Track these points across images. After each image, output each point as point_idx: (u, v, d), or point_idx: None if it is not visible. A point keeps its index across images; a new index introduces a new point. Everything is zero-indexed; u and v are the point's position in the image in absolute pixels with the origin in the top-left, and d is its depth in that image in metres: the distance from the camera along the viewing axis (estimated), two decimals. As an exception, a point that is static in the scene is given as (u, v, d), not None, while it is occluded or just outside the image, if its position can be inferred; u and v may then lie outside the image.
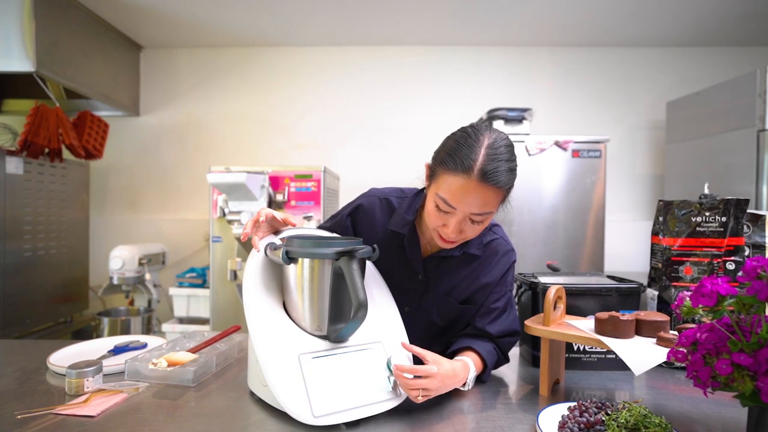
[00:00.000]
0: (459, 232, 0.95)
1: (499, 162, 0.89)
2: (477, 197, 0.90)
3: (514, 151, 0.95)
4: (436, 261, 1.09)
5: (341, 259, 0.84)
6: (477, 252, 1.08)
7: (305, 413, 0.78)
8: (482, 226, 0.96)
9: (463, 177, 0.89)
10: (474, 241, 1.06)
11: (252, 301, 0.89)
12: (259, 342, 0.84)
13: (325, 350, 0.87)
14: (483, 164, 0.88)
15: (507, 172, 0.91)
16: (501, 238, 1.13)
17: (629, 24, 2.72)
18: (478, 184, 0.88)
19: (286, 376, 0.81)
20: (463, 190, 0.89)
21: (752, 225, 1.23)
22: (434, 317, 1.11)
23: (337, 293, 0.88)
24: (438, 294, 1.09)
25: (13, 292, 2.24)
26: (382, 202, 1.14)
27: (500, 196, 0.94)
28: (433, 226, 0.98)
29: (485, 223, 0.96)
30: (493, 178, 0.88)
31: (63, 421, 0.82)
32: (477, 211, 0.91)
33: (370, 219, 1.13)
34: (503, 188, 0.92)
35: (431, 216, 0.97)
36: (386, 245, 1.07)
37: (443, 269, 1.09)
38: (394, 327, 0.99)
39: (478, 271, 1.09)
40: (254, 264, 0.93)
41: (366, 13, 2.61)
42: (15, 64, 2.15)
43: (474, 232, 0.97)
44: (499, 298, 1.10)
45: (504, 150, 0.92)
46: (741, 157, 2.16)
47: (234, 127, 3.12)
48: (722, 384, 0.62)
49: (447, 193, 0.91)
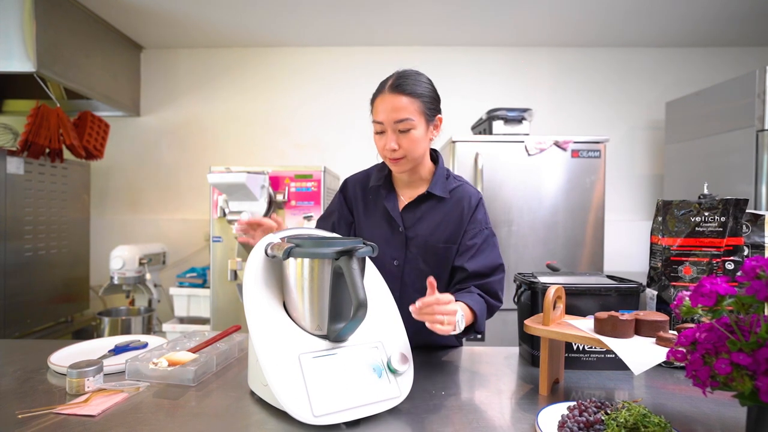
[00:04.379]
0: (397, 146, 1.14)
1: (406, 78, 1.15)
2: (392, 105, 1.12)
3: (425, 76, 1.19)
4: (412, 211, 1.25)
5: (341, 259, 0.85)
6: (443, 194, 1.24)
7: (305, 413, 0.79)
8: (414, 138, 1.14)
9: (380, 97, 1.15)
10: (438, 185, 1.24)
11: (252, 301, 0.89)
12: (259, 341, 0.84)
13: (325, 350, 0.88)
14: (393, 81, 1.15)
15: (414, 84, 1.14)
16: (465, 183, 1.30)
17: (629, 24, 2.73)
18: (390, 95, 1.13)
19: (286, 375, 0.81)
20: (382, 104, 1.14)
21: (751, 225, 1.23)
22: (421, 265, 1.23)
23: (337, 293, 0.88)
24: (419, 241, 1.23)
25: (14, 291, 2.25)
26: (361, 174, 1.36)
27: (416, 106, 1.14)
28: (381, 154, 1.20)
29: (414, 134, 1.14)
30: (401, 87, 1.13)
31: (64, 420, 0.83)
32: (397, 118, 1.13)
33: (355, 189, 1.34)
34: (414, 97, 1.13)
35: (377, 144, 1.19)
36: (372, 206, 1.29)
37: (419, 216, 1.24)
38: (394, 326, 0.99)
39: (450, 213, 1.24)
40: (254, 264, 0.94)
41: (366, 14, 2.61)
42: (16, 64, 2.16)
43: (410, 144, 1.15)
44: (474, 236, 1.23)
45: (412, 72, 1.17)
46: (740, 157, 2.16)
47: (234, 127, 3.12)
48: (721, 383, 0.63)
49: (375, 113, 1.17)
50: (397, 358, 0.91)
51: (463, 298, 1.11)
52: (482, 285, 1.19)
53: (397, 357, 0.91)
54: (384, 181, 1.28)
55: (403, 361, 0.91)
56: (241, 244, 2.27)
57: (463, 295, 1.14)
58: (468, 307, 1.09)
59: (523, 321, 1.05)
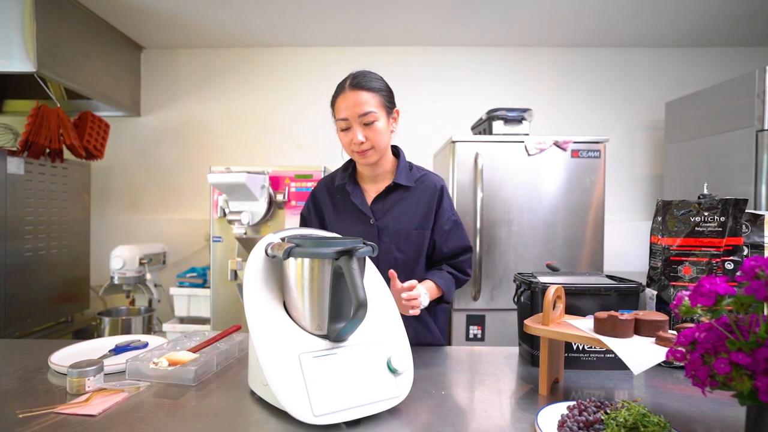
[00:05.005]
0: (364, 138, 1.22)
1: (364, 75, 1.24)
2: (355, 100, 1.21)
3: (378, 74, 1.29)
4: (380, 203, 1.33)
5: (341, 259, 0.85)
6: (408, 183, 1.33)
7: (305, 412, 0.79)
8: (378, 129, 1.23)
9: (341, 94, 1.24)
10: (402, 176, 1.33)
11: (252, 301, 0.89)
12: (260, 341, 0.84)
13: (325, 349, 0.88)
14: (351, 79, 1.24)
15: (372, 81, 1.24)
16: (428, 172, 1.40)
17: (628, 24, 2.73)
18: (352, 92, 1.22)
19: (287, 375, 0.82)
20: (345, 102, 1.22)
21: (751, 225, 1.23)
22: (395, 253, 1.31)
23: (337, 292, 0.88)
24: (391, 231, 1.31)
25: (15, 291, 2.25)
26: (326, 179, 1.44)
27: (377, 99, 1.23)
28: (348, 149, 1.28)
29: (378, 126, 1.23)
30: (361, 83, 1.22)
31: (64, 420, 0.83)
32: (361, 112, 1.21)
33: (323, 193, 1.41)
34: (374, 91, 1.23)
35: (343, 141, 1.27)
36: (341, 205, 1.35)
37: (387, 207, 1.32)
38: (394, 326, 0.99)
39: (417, 201, 1.34)
40: (255, 263, 0.94)
41: (366, 14, 2.62)
42: (16, 64, 2.16)
43: (375, 135, 1.23)
44: (444, 222, 1.35)
45: (367, 71, 1.27)
46: (740, 157, 2.16)
47: (234, 127, 3.12)
48: (721, 383, 0.63)
49: (339, 113, 1.24)
50: (397, 357, 0.91)
51: (433, 276, 1.30)
52: (454, 264, 1.37)
53: (397, 357, 0.91)
54: (349, 179, 1.36)
55: (403, 360, 0.91)
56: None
57: (433, 274, 1.33)
58: (434, 283, 1.28)
59: (522, 321, 1.05)
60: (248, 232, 2.19)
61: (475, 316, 2.22)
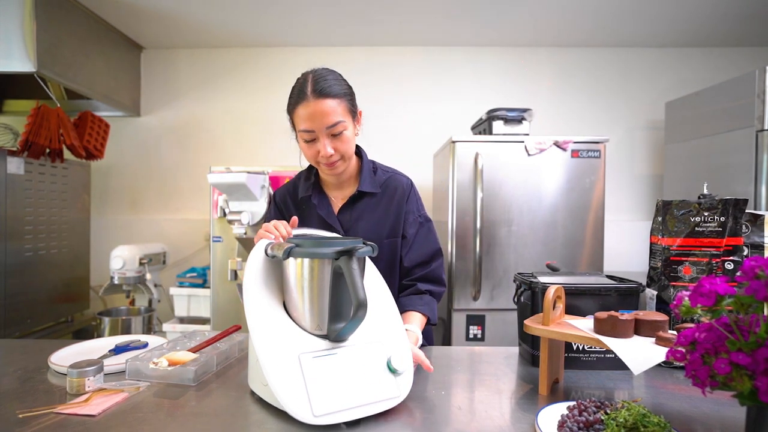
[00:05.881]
0: (333, 150, 1.12)
1: (325, 80, 1.10)
2: (321, 110, 1.08)
3: (337, 72, 1.16)
4: (347, 212, 1.25)
5: (341, 259, 0.84)
6: (374, 189, 1.24)
7: (305, 412, 0.79)
8: (346, 138, 1.13)
9: (304, 104, 1.09)
10: (366, 182, 1.24)
11: (252, 300, 0.89)
12: (259, 341, 0.84)
13: (325, 349, 0.88)
14: (313, 86, 1.09)
15: (335, 84, 1.11)
16: (394, 173, 1.30)
17: (628, 24, 2.73)
18: (317, 101, 1.08)
19: (286, 375, 0.81)
20: (310, 112, 1.09)
21: (751, 225, 1.23)
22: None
23: (337, 292, 0.88)
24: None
25: (15, 291, 2.25)
26: (288, 187, 1.34)
27: (343, 106, 1.12)
28: (313, 161, 1.17)
29: (346, 134, 1.13)
30: (325, 90, 1.08)
31: (64, 420, 0.83)
32: (329, 123, 1.10)
33: (286, 203, 1.32)
34: (339, 97, 1.11)
35: (307, 153, 1.16)
36: (306, 216, 1.25)
37: (356, 217, 1.24)
38: (394, 326, 0.99)
39: (387, 207, 1.25)
40: (254, 263, 0.94)
41: (365, 14, 2.61)
42: (16, 64, 2.16)
43: (344, 145, 1.14)
44: (408, 227, 1.25)
45: (326, 72, 1.13)
46: (740, 158, 2.16)
47: (234, 128, 3.12)
48: (721, 383, 0.63)
49: (302, 123, 1.11)
50: (397, 357, 0.90)
51: (414, 305, 1.19)
52: (426, 275, 1.25)
53: (397, 357, 0.91)
54: (312, 189, 1.27)
55: (403, 360, 0.91)
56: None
57: (413, 301, 1.21)
58: (420, 313, 1.18)
59: (522, 321, 1.05)
60: (248, 232, 2.19)
61: (475, 316, 2.22)
